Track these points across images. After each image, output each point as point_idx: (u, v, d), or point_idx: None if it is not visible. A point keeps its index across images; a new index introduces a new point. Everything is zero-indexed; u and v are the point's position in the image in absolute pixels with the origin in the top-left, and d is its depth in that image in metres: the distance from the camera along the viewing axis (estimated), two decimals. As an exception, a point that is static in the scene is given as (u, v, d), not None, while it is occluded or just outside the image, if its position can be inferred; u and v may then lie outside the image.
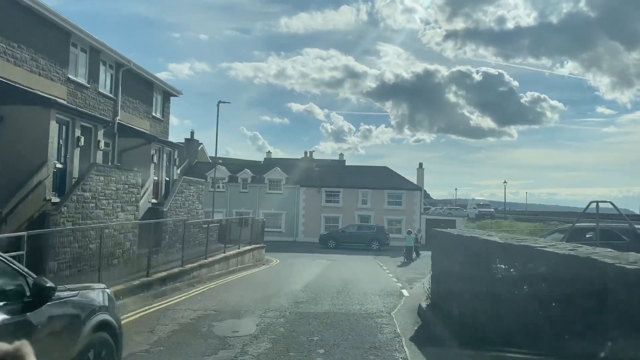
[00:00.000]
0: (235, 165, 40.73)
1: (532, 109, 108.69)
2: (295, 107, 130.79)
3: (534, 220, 49.35)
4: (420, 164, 41.11)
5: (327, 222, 38.47)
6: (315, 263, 22.58)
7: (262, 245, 23.35)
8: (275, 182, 39.32)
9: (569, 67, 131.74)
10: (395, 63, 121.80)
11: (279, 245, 34.39)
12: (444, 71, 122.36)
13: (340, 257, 26.55)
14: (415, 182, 39.54)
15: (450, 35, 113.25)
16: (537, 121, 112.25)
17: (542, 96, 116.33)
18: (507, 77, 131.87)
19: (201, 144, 45.61)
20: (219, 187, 39.79)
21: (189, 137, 42.51)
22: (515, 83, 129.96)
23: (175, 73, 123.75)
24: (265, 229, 38.89)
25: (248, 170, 39.69)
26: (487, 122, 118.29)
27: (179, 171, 40.30)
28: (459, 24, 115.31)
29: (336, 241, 32.78)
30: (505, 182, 52.79)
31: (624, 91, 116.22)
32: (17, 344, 1.37)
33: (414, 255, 26.09)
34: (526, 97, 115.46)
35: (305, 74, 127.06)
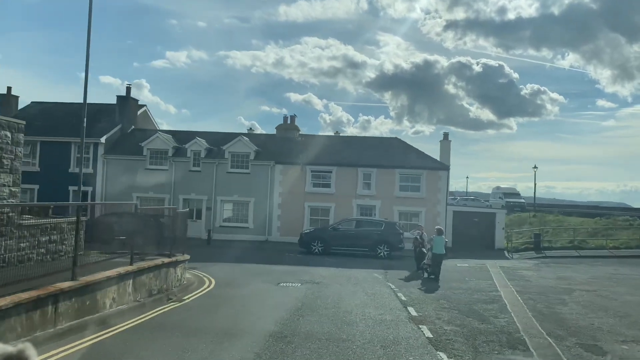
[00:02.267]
0: (188, 135, 32.24)
1: (532, 102, 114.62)
2: (294, 97, 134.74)
3: (584, 215, 41.84)
4: (446, 135, 32.83)
5: (314, 215, 30.29)
6: (277, 293, 14.41)
7: (180, 258, 14.93)
8: (240, 157, 30.98)
9: (570, 60, 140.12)
10: (394, 53, 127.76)
11: (241, 249, 26.33)
12: (443, 62, 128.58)
13: (328, 274, 18.46)
14: (438, 159, 31.18)
15: (451, 25, 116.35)
16: (536, 114, 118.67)
17: (542, 88, 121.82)
18: (507, 68, 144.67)
19: (144, 106, 36.97)
20: (160, 163, 31.35)
21: (126, 96, 33.86)
22: (516, 75, 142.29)
23: (173, 61, 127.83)
24: (227, 224, 30.60)
25: (202, 140, 31.20)
26: (487, 114, 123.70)
27: (103, 140, 31.78)
28: (460, 14, 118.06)
29: (324, 243, 24.73)
30: (535, 167, 45.70)
31: (625, 84, 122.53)
32: (20, 346, 1.62)
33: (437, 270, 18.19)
34: (526, 89, 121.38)
35: (304, 64, 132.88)
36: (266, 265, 20.38)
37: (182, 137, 32.86)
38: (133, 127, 34.48)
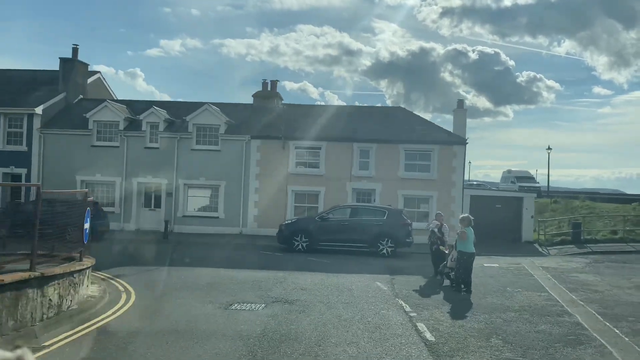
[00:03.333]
0: (148, 106, 26.33)
1: (528, 89, 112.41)
2: (289, 85, 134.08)
3: (606, 200, 36.67)
4: (460, 102, 27.07)
5: (299, 202, 24.67)
6: (216, 330, 8.68)
7: (58, 270, 9.16)
8: (207, 130, 25.21)
9: (566, 46, 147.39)
10: (390, 41, 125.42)
11: (205, 246, 20.77)
12: (439, 49, 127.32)
13: (311, 284, 13.08)
14: (451, 131, 25.48)
15: (447, 12, 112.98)
16: (533, 101, 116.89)
17: (538, 76, 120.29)
18: (503, 56, 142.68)
19: (96, 72, 31.01)
20: (110, 139, 25.61)
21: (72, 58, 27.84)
22: (512, 62, 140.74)
23: (167, 49, 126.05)
24: (192, 213, 24.94)
25: (160, 111, 25.38)
26: (483, 102, 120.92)
27: (40, 110, 25.88)
28: (456, 1, 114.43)
29: (310, 238, 19.20)
30: (549, 148, 40.47)
31: (621, 71, 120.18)
32: (18, 352, 1.62)
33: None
34: (522, 77, 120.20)
35: (299, 51, 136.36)
36: (227, 271, 14.75)
37: (139, 108, 26.98)
38: (81, 97, 28.55)
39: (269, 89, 28.48)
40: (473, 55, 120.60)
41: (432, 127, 26.06)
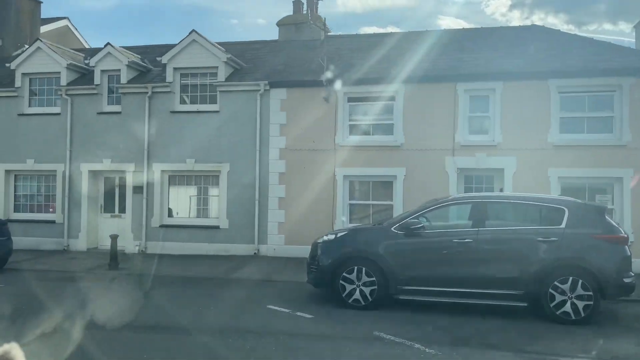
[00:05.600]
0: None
1: None
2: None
3: None
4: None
5: (357, 196, 13.56)
6: None
7: None
8: (198, 77, 14.80)
9: None
10: None
11: (182, 285, 9.98)
12: None
13: None
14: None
15: (517, 4, 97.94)
16: None
17: None
18: None
19: (64, 18, 21.58)
20: (50, 102, 15.74)
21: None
22: None
23: None
24: (176, 222, 14.90)
25: (122, 53, 15.29)
26: None
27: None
28: None
29: (381, 275, 8.73)
30: None
31: None
32: (5, 346, 1.62)
33: None
34: None
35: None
36: None
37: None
38: (27, 46, 19.08)
39: (304, 10, 17.57)
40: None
41: (608, 48, 14.15)
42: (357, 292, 8.48)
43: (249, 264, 13.20)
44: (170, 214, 15.26)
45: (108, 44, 15.44)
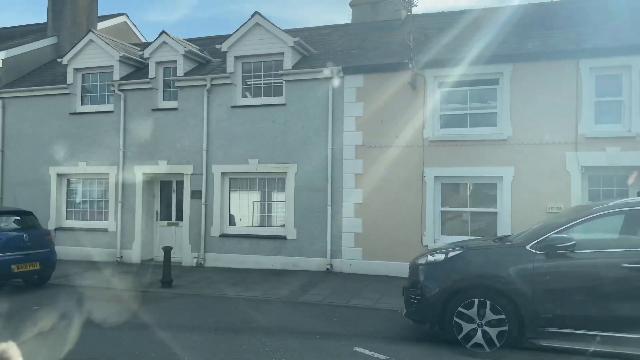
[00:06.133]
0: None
1: None
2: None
3: None
4: None
5: (450, 204, 11.07)
6: None
7: None
8: (261, 66, 12.93)
9: None
10: None
11: (238, 310, 7.95)
12: None
13: None
14: None
15: None
16: None
17: None
18: None
19: (122, 15, 20.64)
20: (102, 99, 14.50)
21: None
22: None
23: None
24: (237, 231, 12.95)
25: (180, 42, 13.70)
26: None
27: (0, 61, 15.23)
28: None
29: (513, 311, 6.38)
30: None
31: None
32: (2, 345, 1.60)
33: None
34: None
35: None
36: None
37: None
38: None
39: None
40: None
41: None
42: (479, 333, 6.15)
43: (321, 282, 11.11)
44: (231, 222, 13.48)
45: (163, 32, 13.92)
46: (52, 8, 17.86)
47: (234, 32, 13.31)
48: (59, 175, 14.94)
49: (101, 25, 18.85)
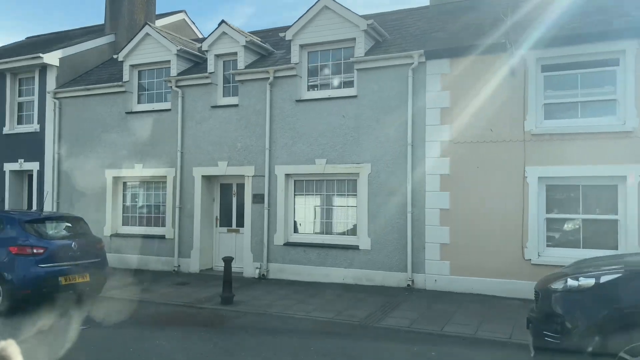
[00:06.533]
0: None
1: None
2: None
3: None
4: None
5: (557, 210, 9.14)
6: None
7: None
8: (329, 55, 11.49)
9: None
10: None
11: (331, 326, 6.12)
12: None
13: None
14: None
15: None
16: None
17: None
18: None
19: (180, 12, 19.95)
20: (160, 97, 13.62)
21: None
22: None
23: None
24: (303, 239, 11.48)
25: (241, 32, 12.55)
26: None
27: (52, 59, 15.29)
28: None
29: None
30: None
31: None
32: (2, 343, 1.62)
33: None
34: None
35: None
36: None
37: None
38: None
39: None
40: None
41: None
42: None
43: (403, 301, 9.52)
44: (296, 229, 12.14)
45: (223, 21, 12.80)
46: (110, 6, 17.30)
47: (299, 18, 11.98)
48: (115, 179, 14.16)
49: (159, 22, 18.14)
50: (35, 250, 8.61)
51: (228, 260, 9.64)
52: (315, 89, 12.07)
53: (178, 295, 10.20)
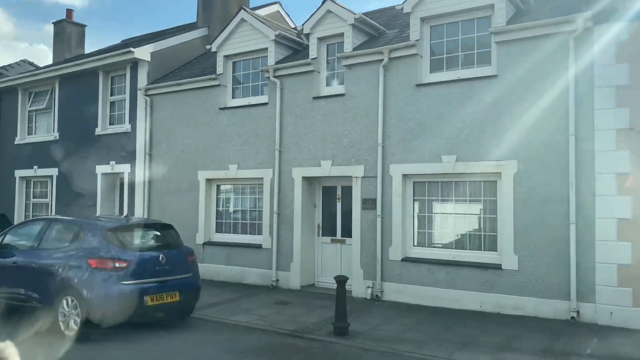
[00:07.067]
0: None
1: None
2: None
3: None
4: None
5: None
6: None
7: None
8: (455, 29, 9.34)
9: None
10: None
11: None
12: None
13: None
14: None
15: None
16: None
17: None
18: None
19: (275, 3, 18.60)
20: (256, 90, 12.00)
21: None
22: None
23: None
24: (428, 254, 9.36)
25: (347, 10, 10.72)
26: None
27: (143, 53, 14.51)
28: None
29: None
30: None
31: None
32: (0, 345, 1.64)
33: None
34: None
35: None
36: None
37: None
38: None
39: None
40: None
41: None
42: None
43: (573, 342, 7.13)
44: (418, 242, 10.06)
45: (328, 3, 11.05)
46: (202, 4, 16.26)
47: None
48: (208, 181, 12.87)
49: (253, 13, 16.83)
50: (117, 265, 7.24)
51: (342, 281, 7.77)
52: (440, 70, 9.96)
53: (281, 320, 8.49)
